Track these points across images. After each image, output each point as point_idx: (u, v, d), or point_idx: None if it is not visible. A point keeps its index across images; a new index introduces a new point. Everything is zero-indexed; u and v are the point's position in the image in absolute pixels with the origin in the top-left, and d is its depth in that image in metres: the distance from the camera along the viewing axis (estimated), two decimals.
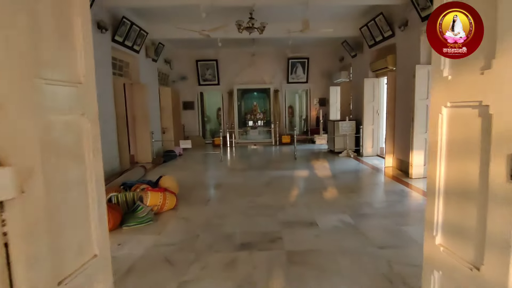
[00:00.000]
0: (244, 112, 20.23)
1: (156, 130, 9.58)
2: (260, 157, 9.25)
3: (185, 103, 12.47)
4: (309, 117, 12.87)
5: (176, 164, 8.18)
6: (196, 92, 12.53)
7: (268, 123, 19.89)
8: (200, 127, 12.76)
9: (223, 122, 12.75)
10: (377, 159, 8.29)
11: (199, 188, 5.70)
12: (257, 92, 20.94)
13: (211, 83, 12.39)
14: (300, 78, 12.44)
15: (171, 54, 11.28)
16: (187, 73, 12.26)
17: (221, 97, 12.69)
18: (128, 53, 7.73)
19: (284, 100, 12.70)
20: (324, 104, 12.56)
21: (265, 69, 12.38)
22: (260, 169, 7.29)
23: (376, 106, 8.49)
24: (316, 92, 12.61)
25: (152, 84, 9.34)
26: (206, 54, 11.86)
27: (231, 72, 12.31)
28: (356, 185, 5.80)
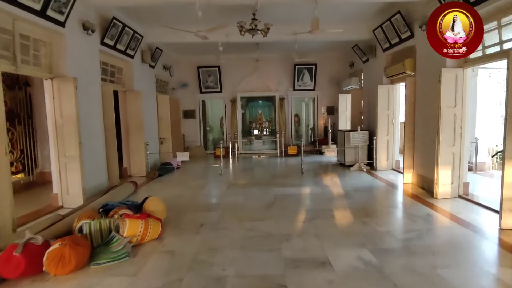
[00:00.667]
0: (248, 121, 19.62)
1: (154, 141, 8.95)
2: (264, 170, 8.52)
3: (186, 112, 11.87)
4: (316, 127, 12.14)
5: (171, 179, 7.50)
6: (198, 100, 11.92)
7: (274, 132, 19.27)
8: (201, 137, 12.11)
9: (226, 132, 12.09)
10: (393, 173, 7.49)
11: (193, 210, 4.99)
12: (262, 100, 20.30)
13: (213, 90, 11.78)
14: (307, 85, 11.75)
15: (171, 60, 10.72)
16: (188, 80, 11.68)
17: (224, 105, 12.05)
18: (121, 58, 7.15)
19: (290, 109, 12.00)
20: (333, 112, 11.83)
21: (270, 75, 11.73)
22: (263, 185, 6.55)
23: (391, 115, 7.72)
24: (324, 100, 11.89)
25: (149, 91, 8.74)
26: (208, 60, 11.28)
27: (234, 79, 11.70)
28: (372, 206, 5.02)
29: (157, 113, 9.29)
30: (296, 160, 9.90)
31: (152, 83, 9.07)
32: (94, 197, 5.25)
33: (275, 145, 12.03)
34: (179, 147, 10.92)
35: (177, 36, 8.10)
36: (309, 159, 9.91)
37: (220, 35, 8.00)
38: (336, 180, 6.89)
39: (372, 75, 8.48)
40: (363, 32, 7.99)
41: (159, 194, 6.07)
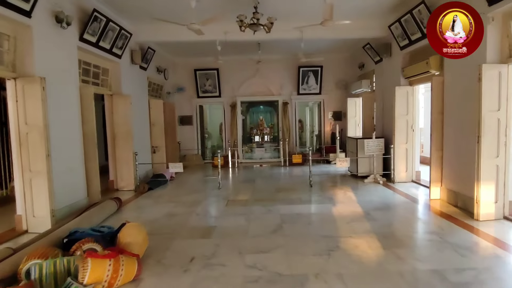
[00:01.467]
0: (249, 127, 18.80)
1: (145, 150, 8.11)
2: (267, 182, 7.65)
3: (182, 118, 11.04)
4: (322, 133, 11.28)
5: (163, 193, 6.62)
6: (195, 105, 11.10)
7: (276, 139, 18.43)
8: (198, 145, 11.26)
9: (225, 139, 11.24)
10: (414, 186, 6.61)
11: (183, 235, 4.11)
12: (264, 105, 19.49)
13: (211, 95, 10.97)
14: (313, 89, 10.93)
15: (166, 62, 9.93)
16: (185, 83, 10.87)
17: (223, 111, 11.22)
18: (106, 57, 6.34)
19: (294, 114, 11.17)
20: (340, 118, 10.99)
21: (273, 78, 10.93)
22: (267, 201, 5.68)
23: (410, 120, 6.87)
24: (331, 104, 11.06)
25: (140, 95, 7.92)
26: (206, 62, 10.48)
27: (234, 82, 10.89)
28: (403, 232, 4.13)
29: (149, 119, 8.46)
30: (301, 170, 9.04)
31: (144, 86, 8.26)
32: (67, 219, 4.39)
33: (278, 153, 11.18)
34: (174, 156, 10.06)
35: (171, 34, 7.33)
36: (316, 169, 9.03)
37: (218, 33, 7.23)
38: (351, 195, 6.01)
39: (386, 76, 7.65)
40: (376, 28, 7.19)
41: (147, 212, 5.21)
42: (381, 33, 7.19)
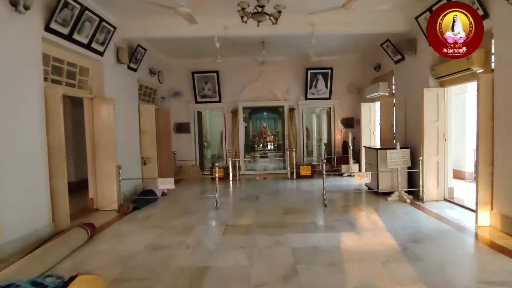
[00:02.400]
0: (252, 135, 17.77)
1: (134, 162, 7.13)
2: (272, 200, 6.59)
3: (179, 125, 10.06)
4: (333, 142, 10.24)
5: (150, 215, 5.58)
6: (193, 111, 10.12)
7: (280, 147, 17.41)
8: (196, 155, 10.24)
9: (225, 148, 10.22)
10: (448, 206, 5.54)
11: (163, 283, 3.07)
12: (267, 111, 18.48)
13: (210, 100, 9.99)
14: (322, 93, 9.93)
15: (160, 63, 9.00)
16: (181, 87, 9.92)
17: (223, 118, 10.23)
18: (85, 54, 5.39)
19: (301, 121, 10.15)
20: (352, 125, 9.97)
21: (278, 82, 9.95)
22: (274, 227, 4.63)
23: (442, 127, 5.84)
24: (342, 110, 10.05)
25: (128, 99, 6.96)
26: (204, 64, 9.55)
27: (235, 86, 9.92)
28: (462, 280, 3.05)
29: (139, 127, 7.48)
30: (311, 184, 7.98)
31: (133, 89, 7.31)
32: (12, 259, 3.35)
33: (284, 164, 10.14)
34: (168, 167, 9.05)
35: (162, 30, 6.42)
36: (327, 182, 7.97)
37: (216, 27, 6.30)
38: (376, 219, 4.94)
39: (410, 77, 6.64)
40: (400, 22, 6.21)
41: (125, 243, 4.19)
42: (405, 26, 6.21)
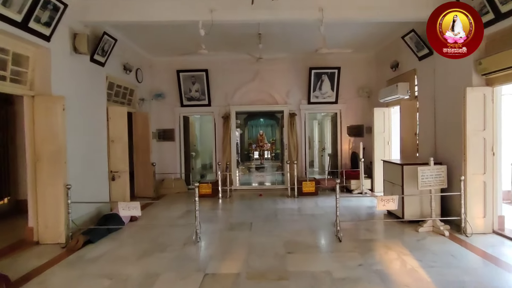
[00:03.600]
0: (247, 143, 16.40)
1: (99, 177, 5.75)
2: (270, 229, 5.18)
3: (162, 132, 8.68)
4: (339, 153, 8.89)
5: (102, 254, 4.14)
6: (178, 115, 8.76)
7: (278, 156, 16.05)
8: (181, 166, 8.84)
9: (215, 159, 8.83)
10: (502, 242, 4.18)
11: None
12: (264, 118, 17.15)
13: (199, 103, 8.64)
14: (327, 97, 8.62)
15: (138, 59, 7.66)
16: (165, 88, 8.57)
17: (213, 124, 8.87)
18: (21, 37, 4.03)
19: (303, 128, 8.81)
20: (361, 133, 8.65)
21: (277, 83, 8.64)
22: (271, 279, 3.25)
23: (490, 138, 4.52)
24: (350, 116, 8.73)
25: (91, 100, 5.59)
26: (191, 62, 8.24)
27: (228, 87, 8.59)
28: None
29: (107, 133, 6.10)
30: (316, 204, 6.60)
31: (99, 87, 5.93)
32: None
33: (283, 178, 8.76)
34: (146, 182, 7.65)
35: (132, 13, 5.13)
36: (330, 200, 6.63)
37: (201, 10, 4.98)
38: (414, 265, 3.56)
39: (442, 75, 5.34)
40: (427, 7, 4.92)
41: None
42: None
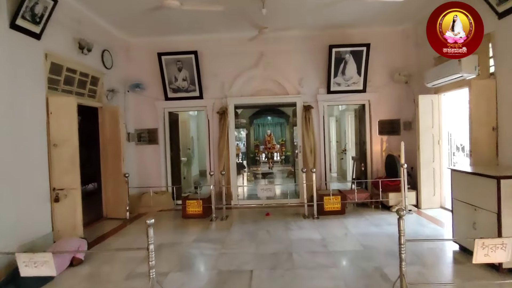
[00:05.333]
0: (253, 145, 14.47)
1: (35, 198, 3.93)
2: (281, 284, 3.26)
3: (142, 133, 6.86)
4: (369, 156, 6.91)
5: None
6: (162, 111, 6.92)
7: (288, 159, 14.06)
8: (167, 176, 6.99)
9: (209, 166, 6.95)
10: None
11: None
12: (272, 116, 15.16)
13: (187, 95, 6.78)
14: (352, 84, 6.66)
15: (105, 37, 5.83)
16: (143, 77, 6.74)
17: (206, 121, 7.00)
18: None
19: (322, 125, 6.88)
20: (397, 130, 6.68)
21: (287, 68, 6.72)
22: None
23: None
24: (383, 108, 6.76)
25: (19, 87, 3.78)
26: (176, 42, 6.42)
27: (224, 74, 6.72)
28: None
29: (47, 135, 4.28)
30: (346, 231, 4.61)
31: (32, 69, 4.11)
32: None
33: (296, 188, 6.81)
34: (118, 199, 5.83)
35: None
36: (365, 224, 4.70)
37: None
38: None
39: None
40: None
41: None
42: None
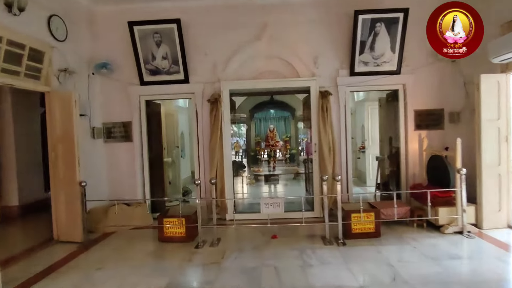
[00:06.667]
0: (254, 141, 12.93)
1: None
2: None
3: (112, 128, 5.36)
4: (403, 156, 5.36)
5: None
6: (137, 100, 5.39)
7: (293, 158, 12.56)
8: (144, 181, 5.47)
9: (197, 171, 5.43)
10: None
11: None
12: (276, 109, 13.53)
13: (169, 78, 5.25)
14: (383, 63, 5.11)
15: (58, 2, 4.31)
16: (112, 55, 5.22)
17: (194, 112, 5.47)
18: None
19: (344, 116, 5.36)
20: (440, 124, 5.17)
21: (298, 43, 5.18)
22: None
23: None
24: (421, 94, 5.22)
25: None
26: (155, 10, 4.89)
27: (216, 52, 5.19)
28: None
29: None
30: (394, 272, 3.05)
31: None
32: None
33: (307, 193, 5.28)
34: (71, 217, 4.32)
35: None
36: (414, 255, 3.21)
37: None
38: None
39: None
40: None
41: None
42: None
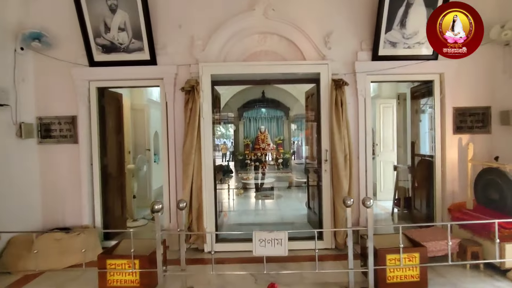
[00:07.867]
0: (244, 144, 11.54)
1: None
2: None
3: (51, 124, 3.92)
4: (439, 169, 4.11)
5: None
6: (85, 86, 3.97)
7: (286, 163, 11.21)
8: (93, 198, 4.04)
9: (168, 189, 4.03)
10: None
11: None
12: (267, 108, 12.13)
13: (129, 58, 3.86)
14: (415, 44, 3.86)
15: None
16: (49, 24, 3.79)
17: (164, 104, 4.08)
18: None
19: (364, 113, 4.06)
20: (487, 126, 3.95)
21: (304, 16, 3.87)
22: None
23: None
24: (463, 87, 3.99)
25: None
26: None
27: (195, 25, 3.83)
28: None
29: None
30: None
31: None
32: None
33: (311, 215, 3.94)
34: None
35: None
36: None
37: None
38: None
39: None
40: None
41: None
42: None
